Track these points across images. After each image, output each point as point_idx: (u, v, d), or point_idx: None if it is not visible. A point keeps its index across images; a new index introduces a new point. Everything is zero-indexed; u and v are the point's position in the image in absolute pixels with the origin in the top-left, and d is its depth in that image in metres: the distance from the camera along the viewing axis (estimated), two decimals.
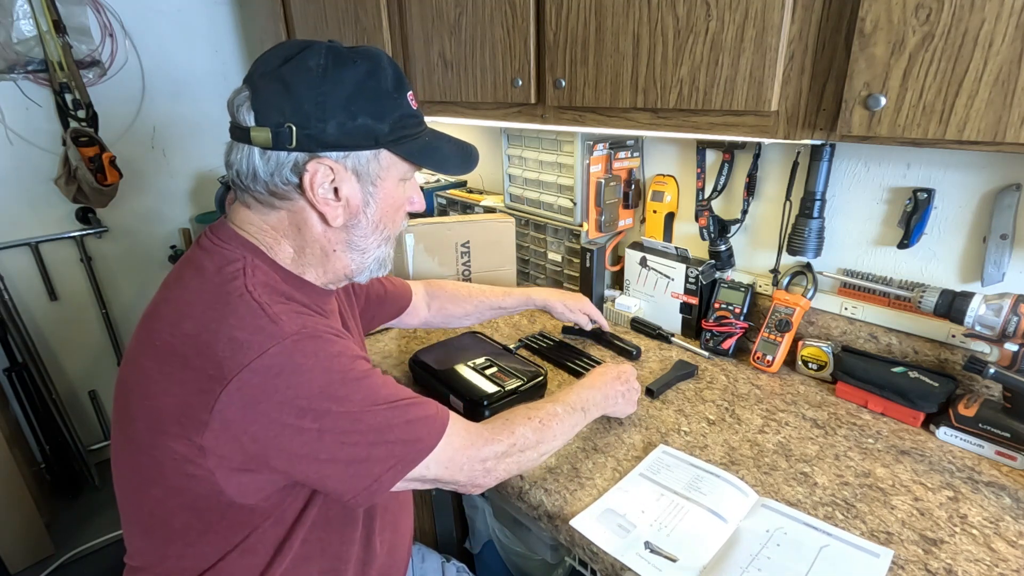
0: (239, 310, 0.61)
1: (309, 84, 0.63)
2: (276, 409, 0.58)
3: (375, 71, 0.66)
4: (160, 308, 0.66)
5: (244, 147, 0.66)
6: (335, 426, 0.61)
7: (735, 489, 0.83)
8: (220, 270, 0.65)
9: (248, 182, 0.67)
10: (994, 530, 0.76)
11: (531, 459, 0.78)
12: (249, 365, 0.58)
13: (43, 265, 2.06)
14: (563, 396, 0.87)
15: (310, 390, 0.60)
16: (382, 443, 0.63)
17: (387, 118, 0.67)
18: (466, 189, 1.89)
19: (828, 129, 0.80)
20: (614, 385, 0.95)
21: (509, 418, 0.78)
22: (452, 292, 1.20)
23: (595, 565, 0.77)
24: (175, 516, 0.65)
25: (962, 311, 0.91)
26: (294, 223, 0.70)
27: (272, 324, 0.60)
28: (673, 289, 1.32)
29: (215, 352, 0.58)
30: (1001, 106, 0.63)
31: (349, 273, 0.75)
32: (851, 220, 1.11)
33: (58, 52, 1.85)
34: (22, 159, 1.94)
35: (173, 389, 0.60)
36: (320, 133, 0.64)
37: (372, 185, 0.70)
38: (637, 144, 1.40)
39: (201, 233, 0.71)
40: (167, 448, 0.61)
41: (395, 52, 1.47)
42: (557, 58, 1.08)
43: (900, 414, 1.00)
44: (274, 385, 0.58)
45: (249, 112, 0.65)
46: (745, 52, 0.82)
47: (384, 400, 0.65)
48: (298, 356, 0.60)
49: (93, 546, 1.94)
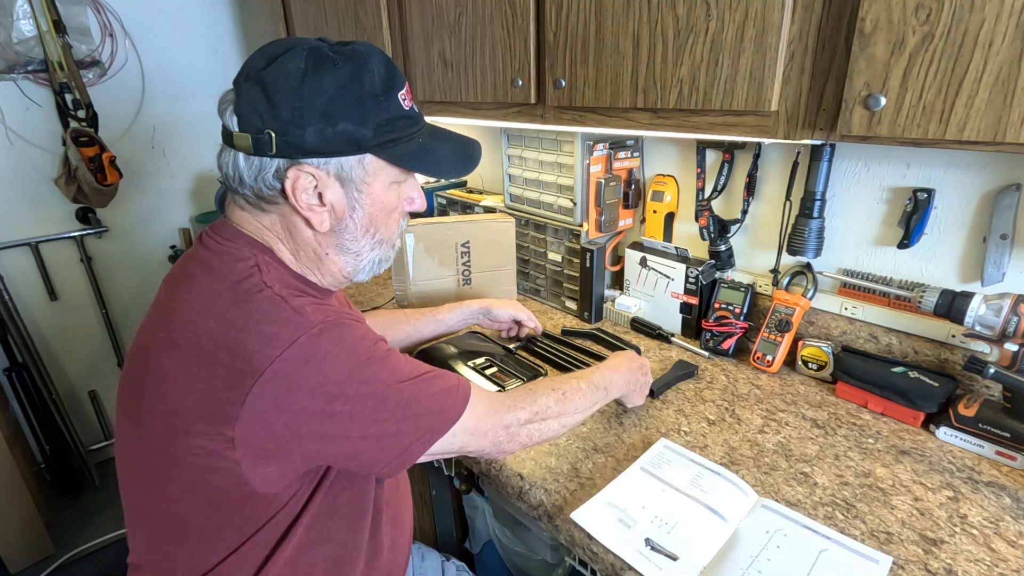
0: (262, 305, 0.62)
1: (287, 90, 0.62)
2: (307, 396, 0.60)
3: (358, 73, 0.65)
4: (177, 307, 0.65)
5: (231, 151, 0.66)
6: (364, 406, 0.63)
7: (735, 488, 0.83)
8: (233, 268, 0.66)
9: (237, 185, 0.67)
10: (994, 530, 0.76)
11: (552, 429, 0.80)
12: (281, 355, 0.59)
13: (43, 265, 2.06)
14: (588, 373, 0.90)
15: (339, 375, 0.61)
16: (411, 416, 0.65)
17: (371, 122, 0.66)
18: (466, 189, 1.89)
19: (828, 129, 0.80)
20: (635, 373, 0.98)
21: (533, 388, 0.81)
22: (387, 320, 1.19)
23: (595, 565, 0.77)
24: (192, 511, 0.65)
25: (962, 311, 0.91)
26: (285, 226, 0.70)
27: (297, 315, 0.62)
28: (673, 289, 1.32)
29: (244, 346, 0.59)
30: (1001, 106, 0.63)
31: (346, 275, 0.75)
32: (851, 220, 1.11)
33: (58, 52, 1.85)
34: (22, 159, 1.94)
35: (199, 387, 0.60)
36: (299, 140, 0.63)
37: (357, 190, 0.69)
38: (637, 144, 1.40)
39: (202, 233, 0.71)
40: (189, 445, 0.61)
41: (395, 52, 1.47)
42: (557, 58, 1.08)
43: (900, 414, 1.00)
44: (305, 373, 0.60)
45: (232, 116, 0.65)
46: (745, 52, 0.82)
47: (408, 376, 0.66)
48: (326, 343, 0.61)
49: (93, 546, 1.94)
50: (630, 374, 0.97)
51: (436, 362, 1.10)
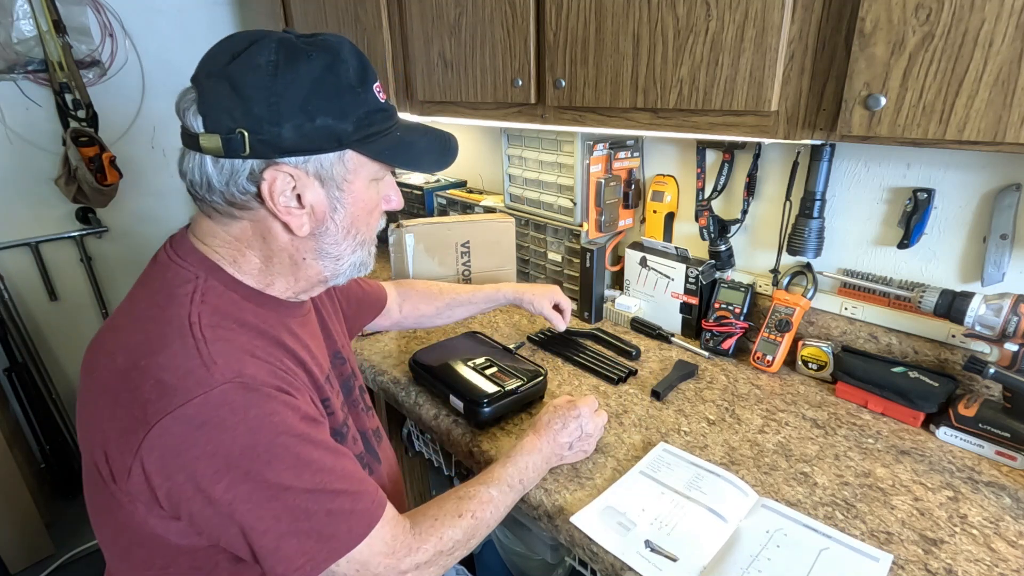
0: (172, 346, 0.56)
1: (259, 84, 0.57)
2: (193, 464, 0.53)
3: (334, 64, 0.60)
4: (104, 334, 0.62)
5: (195, 155, 0.60)
6: (250, 498, 0.55)
7: (735, 489, 0.83)
8: (170, 294, 0.61)
9: (204, 192, 0.62)
10: (994, 530, 0.76)
11: (459, 556, 0.71)
12: (172, 412, 0.53)
13: (43, 265, 2.06)
14: (499, 471, 0.79)
15: (230, 450, 0.54)
16: (293, 534, 0.57)
17: (350, 115, 0.61)
18: (466, 189, 1.89)
19: (828, 129, 0.80)
20: (559, 438, 0.86)
21: (439, 516, 0.70)
22: (423, 291, 1.17)
23: (595, 565, 0.77)
24: (134, 552, 0.61)
25: (962, 311, 0.91)
26: (258, 233, 0.64)
27: (203, 368, 0.55)
28: (673, 289, 1.32)
29: (141, 394, 0.54)
30: (1001, 106, 0.63)
31: (324, 279, 0.71)
32: (851, 220, 1.11)
33: (58, 52, 1.85)
34: (22, 159, 1.94)
35: (103, 423, 0.57)
36: (275, 138, 0.58)
37: (339, 189, 0.64)
38: (637, 144, 1.40)
39: (166, 241, 0.67)
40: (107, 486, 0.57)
41: (395, 52, 1.48)
42: (557, 58, 1.08)
43: (900, 414, 1.00)
44: (195, 438, 0.53)
45: (196, 116, 0.59)
46: (745, 52, 0.82)
47: (309, 485, 0.57)
48: (224, 410, 0.54)
49: (93, 546, 1.94)
50: (549, 447, 0.85)
51: (436, 362, 1.10)
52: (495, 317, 1.46)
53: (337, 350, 0.85)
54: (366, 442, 0.84)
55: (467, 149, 1.99)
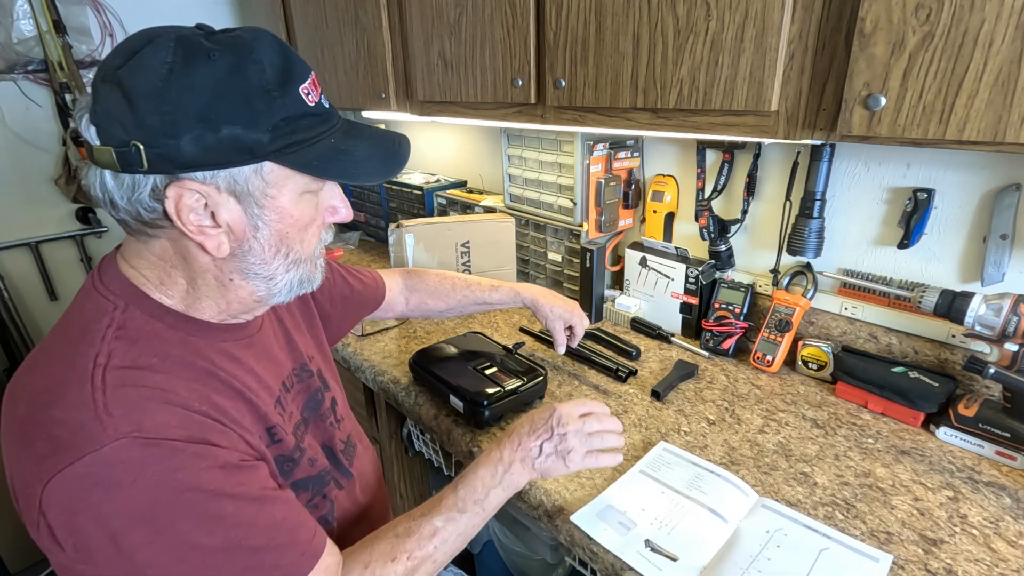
0: (69, 396, 0.51)
1: (150, 91, 0.51)
2: (92, 524, 0.49)
3: (241, 65, 0.53)
4: (20, 374, 0.57)
5: (95, 168, 0.54)
6: (158, 559, 0.50)
7: (735, 488, 0.83)
8: (84, 328, 0.56)
9: (110, 209, 0.55)
10: (994, 530, 0.76)
11: None
12: (63, 471, 0.48)
13: (43, 265, 2.06)
14: (448, 496, 0.71)
15: (129, 509, 0.49)
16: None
17: (263, 123, 0.54)
18: (466, 189, 1.89)
19: (828, 129, 0.80)
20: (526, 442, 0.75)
21: (370, 561, 0.63)
22: (434, 286, 1.13)
23: (595, 565, 0.77)
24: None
25: (962, 311, 0.91)
26: (178, 252, 0.58)
27: (96, 423, 0.50)
28: (673, 289, 1.32)
29: (36, 449, 0.50)
30: (1001, 106, 0.63)
31: (259, 300, 0.64)
32: (851, 220, 1.11)
33: (58, 52, 1.85)
34: (22, 159, 1.94)
35: (12, 474, 0.53)
36: (174, 152, 0.51)
37: (258, 206, 0.57)
38: (637, 144, 1.40)
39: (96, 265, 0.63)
40: None
41: (395, 52, 1.48)
42: (557, 58, 1.08)
43: (900, 414, 1.00)
44: (88, 499, 0.48)
45: (90, 127, 0.53)
46: (745, 52, 0.82)
47: (223, 538, 0.52)
48: (117, 469, 0.49)
49: None
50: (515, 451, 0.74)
51: (436, 362, 1.10)
52: (495, 317, 1.46)
53: (304, 363, 0.79)
54: (332, 458, 0.78)
55: (467, 149, 1.99)
